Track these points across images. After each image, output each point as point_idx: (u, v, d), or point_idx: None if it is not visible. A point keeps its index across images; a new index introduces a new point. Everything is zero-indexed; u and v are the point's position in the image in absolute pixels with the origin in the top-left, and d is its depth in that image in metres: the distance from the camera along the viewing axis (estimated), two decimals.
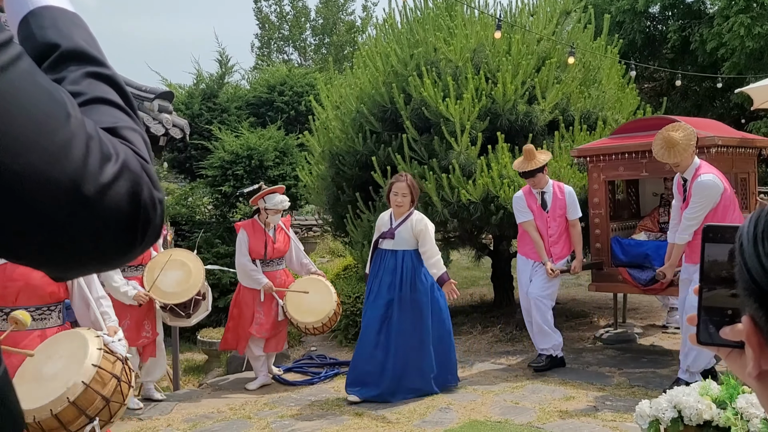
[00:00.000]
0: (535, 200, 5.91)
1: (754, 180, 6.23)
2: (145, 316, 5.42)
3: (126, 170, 0.74)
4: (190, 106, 13.12)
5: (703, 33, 13.43)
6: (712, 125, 6.35)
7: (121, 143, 0.76)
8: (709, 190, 4.83)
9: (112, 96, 0.82)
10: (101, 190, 0.71)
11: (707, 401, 3.60)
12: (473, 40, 7.38)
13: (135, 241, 0.76)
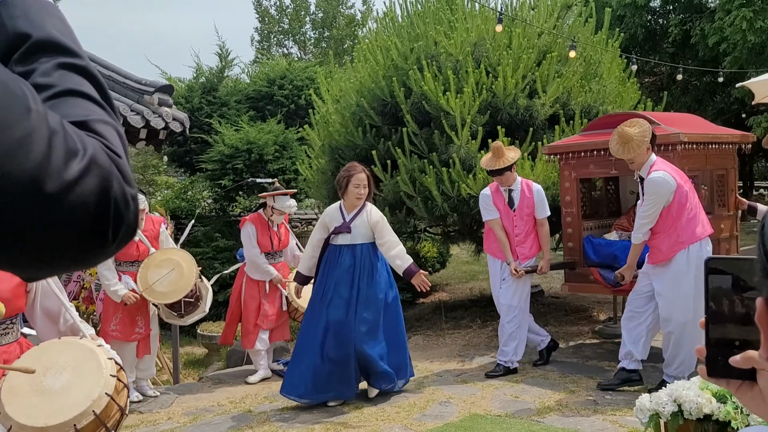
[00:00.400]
0: (502, 198, 5.72)
1: (733, 177, 6.04)
2: (137, 311, 5.44)
3: (94, 166, 0.71)
4: (190, 99, 13.10)
5: (704, 27, 13.40)
6: (689, 121, 6.18)
7: (91, 137, 0.73)
8: (659, 187, 4.71)
9: (85, 88, 0.79)
10: (65, 188, 0.68)
11: (707, 395, 3.60)
12: (474, 33, 7.37)
13: (106, 240, 0.73)
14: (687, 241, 4.74)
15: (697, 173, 5.59)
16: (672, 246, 4.76)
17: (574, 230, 6.01)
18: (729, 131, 6.19)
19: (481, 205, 5.79)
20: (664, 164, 4.83)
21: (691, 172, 5.41)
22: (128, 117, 7.75)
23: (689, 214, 4.75)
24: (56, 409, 2.63)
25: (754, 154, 21.92)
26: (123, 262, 5.47)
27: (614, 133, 4.88)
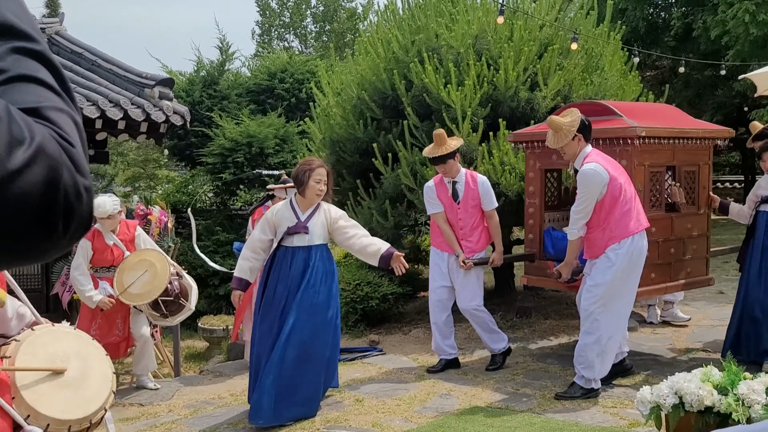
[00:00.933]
0: (446, 191, 5.53)
1: (707, 173, 5.76)
2: (117, 315, 5.48)
3: (42, 155, 0.68)
4: (191, 93, 13.08)
5: (706, 20, 13.35)
6: (660, 114, 5.87)
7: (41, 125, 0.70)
8: (590, 179, 4.56)
9: (40, 74, 0.76)
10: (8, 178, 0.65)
11: (708, 387, 3.60)
12: (475, 26, 7.34)
13: (54, 233, 0.70)
14: (619, 236, 4.60)
15: (660, 169, 5.39)
16: (606, 241, 4.63)
17: (536, 222, 5.81)
18: (704, 125, 5.96)
19: (425, 198, 5.63)
20: (597, 156, 4.69)
21: (653, 167, 5.29)
22: (129, 110, 7.74)
23: (623, 207, 4.61)
24: (87, 397, 2.62)
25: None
26: (99, 268, 5.51)
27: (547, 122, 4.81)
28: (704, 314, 7.52)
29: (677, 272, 5.56)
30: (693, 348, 6.10)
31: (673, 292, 6.36)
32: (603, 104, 5.49)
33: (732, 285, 9.30)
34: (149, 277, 5.32)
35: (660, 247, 5.36)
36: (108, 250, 5.48)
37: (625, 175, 4.75)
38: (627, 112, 5.32)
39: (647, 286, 5.27)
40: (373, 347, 6.65)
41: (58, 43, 9.06)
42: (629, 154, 5.09)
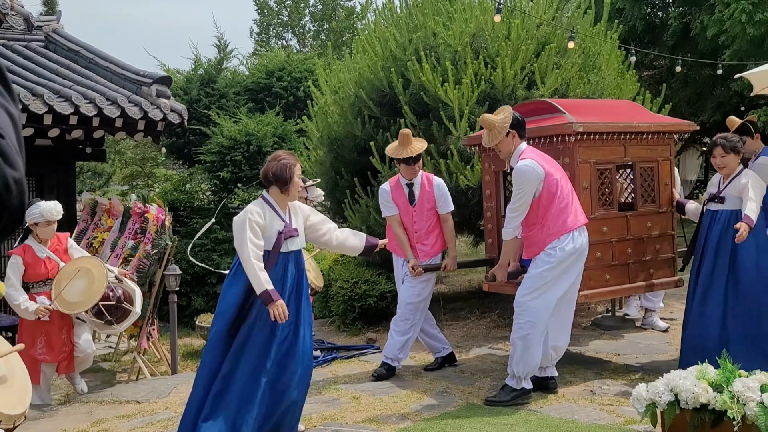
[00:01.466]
0: (403, 193, 5.41)
1: (667, 170, 5.48)
2: (60, 330, 5.39)
3: None
4: (189, 91, 13.07)
5: (703, 19, 13.36)
6: (610, 109, 5.62)
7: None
8: (525, 176, 4.46)
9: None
10: None
11: (704, 385, 3.61)
12: (472, 24, 7.35)
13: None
14: (558, 233, 4.51)
15: (609, 166, 5.18)
16: (545, 238, 4.54)
17: (494, 226, 5.57)
18: (661, 120, 5.65)
19: (380, 201, 5.52)
20: (532, 152, 4.60)
21: (601, 164, 5.10)
22: (126, 108, 7.74)
23: (560, 203, 4.50)
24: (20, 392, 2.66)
25: None
26: (35, 284, 5.39)
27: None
28: None
29: (636, 274, 5.33)
30: None
31: (632, 294, 6.14)
32: (548, 102, 5.35)
33: None
34: (86, 284, 5.24)
35: (615, 247, 5.18)
36: (41, 263, 5.37)
37: (561, 171, 4.65)
38: (572, 109, 5.14)
39: (601, 288, 5.11)
40: (371, 345, 6.66)
41: (55, 41, 9.05)
42: (571, 151, 4.94)
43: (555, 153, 4.94)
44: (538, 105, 5.38)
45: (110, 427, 4.53)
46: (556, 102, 5.30)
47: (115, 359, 7.77)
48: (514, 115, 4.61)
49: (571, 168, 4.91)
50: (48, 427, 4.65)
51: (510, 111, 4.63)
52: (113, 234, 7.66)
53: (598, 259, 5.03)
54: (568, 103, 5.50)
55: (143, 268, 7.00)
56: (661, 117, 5.93)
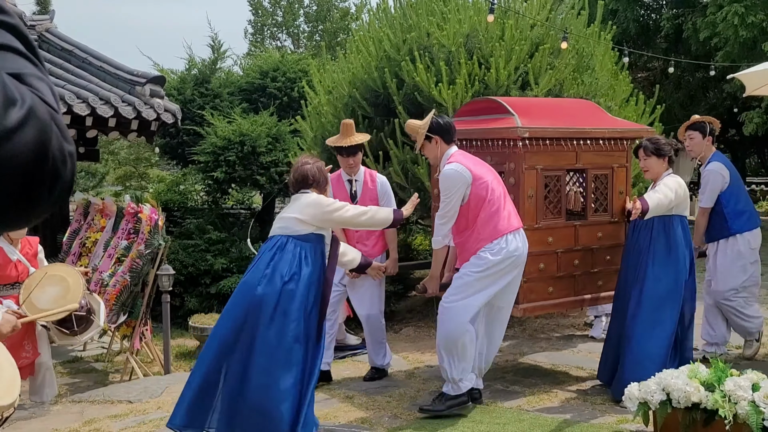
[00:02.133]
0: (344, 189, 5.10)
1: (623, 177, 5.11)
2: (24, 336, 5.24)
3: (33, 117, 0.68)
4: (182, 91, 13.03)
5: (696, 22, 13.42)
6: (575, 112, 5.30)
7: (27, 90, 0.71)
8: (450, 181, 4.26)
9: (16, 44, 0.76)
10: (4, 136, 0.66)
11: (695, 384, 3.62)
12: (466, 25, 7.36)
13: (41, 196, 0.70)
14: (489, 237, 4.25)
15: (559, 173, 4.84)
16: (476, 244, 4.30)
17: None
18: (619, 125, 5.27)
19: None
20: (460, 156, 4.38)
21: (549, 171, 4.77)
22: (120, 108, 7.72)
23: (491, 208, 4.26)
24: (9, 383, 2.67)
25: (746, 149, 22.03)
26: (2, 286, 5.25)
27: None
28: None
29: (583, 286, 4.97)
30: None
31: (577, 307, 5.82)
32: (498, 101, 5.00)
33: None
34: (60, 292, 5.14)
35: (560, 258, 4.84)
36: (11, 265, 5.24)
37: (492, 173, 4.39)
38: (523, 110, 4.80)
39: (543, 300, 4.81)
40: (364, 345, 6.65)
41: (49, 40, 9.02)
42: (517, 156, 4.62)
43: (501, 157, 4.72)
44: (489, 104, 5.05)
45: (102, 427, 4.51)
46: (506, 102, 4.98)
47: (107, 360, 7.74)
48: (435, 120, 4.41)
49: (516, 174, 4.64)
50: (39, 426, 4.63)
51: (431, 116, 4.44)
52: (106, 234, 7.64)
53: (542, 270, 4.72)
54: (520, 103, 5.20)
55: (136, 268, 6.98)
56: (621, 121, 5.59)
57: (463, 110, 5.42)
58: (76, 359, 7.77)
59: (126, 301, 6.88)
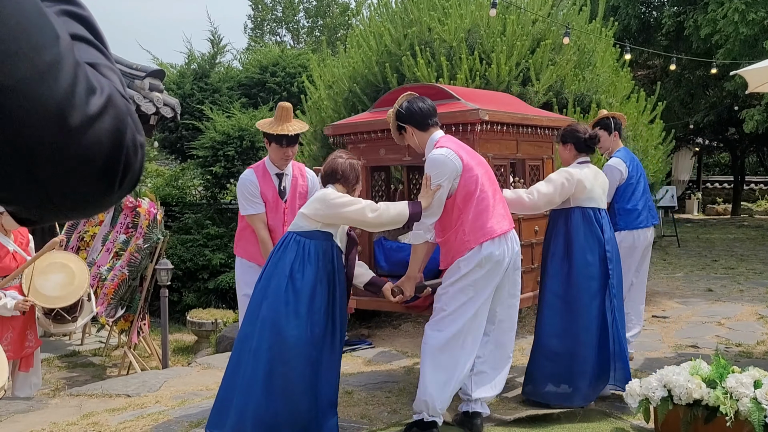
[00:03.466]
0: (272, 186, 4.43)
1: (550, 168, 4.91)
2: (27, 326, 5.30)
3: (111, 106, 0.69)
4: (182, 85, 13.01)
5: (697, 19, 13.40)
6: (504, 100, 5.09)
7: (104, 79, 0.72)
8: (437, 166, 3.73)
9: (88, 35, 0.77)
10: (86, 122, 0.66)
11: (697, 380, 3.61)
12: (468, 20, 7.33)
13: (113, 185, 0.71)
14: (475, 240, 3.76)
15: (504, 162, 4.57)
16: (461, 245, 3.80)
17: (363, 231, 4.43)
18: (546, 113, 5.06)
19: (243, 193, 4.40)
20: (450, 141, 3.88)
21: (497, 159, 4.49)
22: None
23: (479, 205, 3.78)
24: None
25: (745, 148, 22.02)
26: (2, 278, 5.23)
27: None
28: (693, 311, 7.55)
29: (525, 283, 4.57)
30: (682, 344, 6.11)
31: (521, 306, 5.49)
32: (439, 87, 4.70)
33: (721, 283, 9.36)
34: (65, 279, 5.14)
35: None
36: (9, 256, 5.24)
37: (483, 167, 3.90)
38: (465, 96, 4.55)
39: None
40: (363, 340, 6.64)
41: None
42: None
43: None
44: (428, 90, 4.56)
45: (100, 420, 4.49)
46: (448, 88, 4.66)
47: (105, 354, 7.72)
48: (401, 108, 3.91)
49: None
50: (37, 419, 4.61)
51: (397, 102, 3.94)
52: (104, 228, 7.62)
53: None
54: (460, 90, 4.89)
55: (134, 263, 6.96)
56: (543, 111, 5.32)
57: (389, 98, 4.72)
58: (74, 353, 7.75)
59: (124, 295, 6.86)
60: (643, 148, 7.68)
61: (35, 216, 0.74)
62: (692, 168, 23.28)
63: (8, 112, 0.62)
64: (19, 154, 0.64)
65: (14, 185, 0.67)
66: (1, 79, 0.62)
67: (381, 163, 4.81)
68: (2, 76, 0.62)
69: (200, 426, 4.25)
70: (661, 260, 11.83)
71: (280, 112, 4.37)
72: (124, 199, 7.64)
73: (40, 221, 0.77)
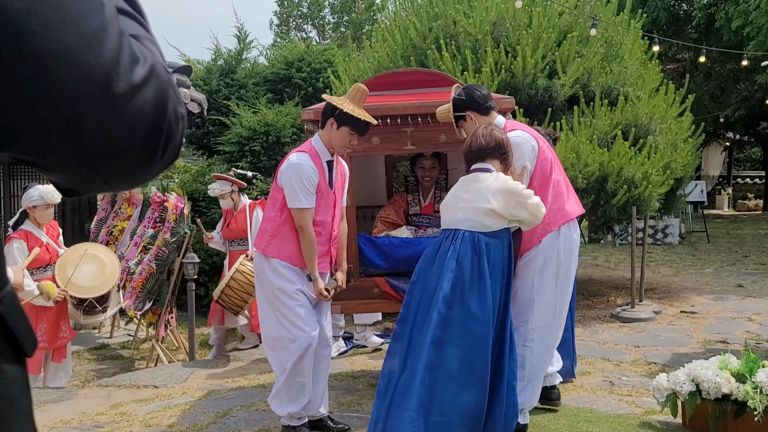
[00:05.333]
0: (324, 174, 3.77)
1: None
2: (61, 317, 5.38)
3: (154, 76, 0.69)
4: (208, 81, 13.10)
5: (728, 11, 13.17)
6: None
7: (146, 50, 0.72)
8: (519, 149, 3.53)
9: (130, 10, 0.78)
10: (131, 91, 0.66)
11: (726, 375, 3.55)
12: (493, 12, 7.28)
13: (155, 155, 0.71)
14: (555, 222, 3.61)
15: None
16: (542, 229, 3.58)
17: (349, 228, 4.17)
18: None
19: (302, 182, 3.65)
20: (519, 125, 3.81)
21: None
22: None
23: (556, 187, 3.65)
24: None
25: None
26: (36, 269, 5.28)
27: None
28: (722, 306, 7.44)
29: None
30: (711, 339, 6.03)
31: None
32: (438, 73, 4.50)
33: (752, 278, 9.21)
34: (97, 269, 5.22)
35: None
36: (43, 248, 5.30)
37: (552, 151, 3.80)
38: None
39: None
40: (388, 334, 6.63)
41: None
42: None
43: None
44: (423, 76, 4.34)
45: (128, 410, 4.55)
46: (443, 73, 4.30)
47: (133, 347, 7.82)
48: (458, 96, 3.68)
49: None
50: (67, 409, 4.68)
51: (452, 93, 3.71)
52: (133, 222, 7.71)
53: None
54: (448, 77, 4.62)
55: (162, 256, 7.03)
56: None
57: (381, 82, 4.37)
58: (103, 346, 7.85)
59: (152, 288, 6.93)
60: (671, 141, 7.57)
61: (79, 185, 0.75)
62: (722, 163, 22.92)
63: (56, 77, 0.63)
64: (65, 121, 0.65)
65: (60, 152, 0.67)
66: (50, 45, 0.62)
67: (374, 152, 4.38)
68: (50, 41, 0.62)
69: (226, 416, 4.30)
70: (691, 256, 11.67)
71: (361, 96, 3.68)
72: (152, 194, 7.74)
73: (83, 191, 0.77)
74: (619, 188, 6.68)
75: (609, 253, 11.81)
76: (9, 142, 0.67)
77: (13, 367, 0.72)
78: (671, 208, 8.82)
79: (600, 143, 6.77)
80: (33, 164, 0.71)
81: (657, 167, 7.07)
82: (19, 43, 0.61)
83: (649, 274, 9.10)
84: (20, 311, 0.76)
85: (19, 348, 0.74)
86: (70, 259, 5.26)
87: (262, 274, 3.77)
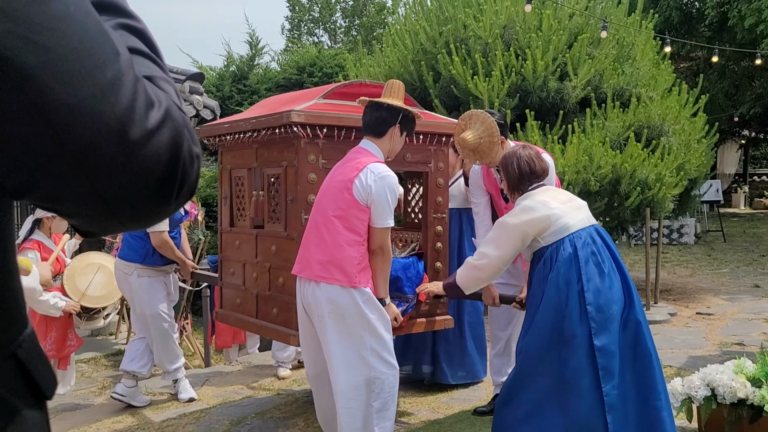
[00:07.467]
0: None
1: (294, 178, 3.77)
2: (68, 326, 5.39)
3: (169, 119, 0.70)
4: (221, 88, 13.18)
5: (741, 9, 13.07)
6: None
7: (161, 92, 0.73)
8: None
9: (145, 49, 0.79)
10: (146, 136, 0.68)
11: (742, 379, 3.53)
12: (503, 16, 7.28)
13: (171, 196, 0.72)
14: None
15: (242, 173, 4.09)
16: None
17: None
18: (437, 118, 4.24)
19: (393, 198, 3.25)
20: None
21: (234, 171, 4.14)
22: None
23: None
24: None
25: None
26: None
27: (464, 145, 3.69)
28: (739, 308, 7.39)
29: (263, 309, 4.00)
30: (727, 341, 5.98)
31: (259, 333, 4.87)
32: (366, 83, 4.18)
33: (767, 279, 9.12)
34: (105, 278, 5.25)
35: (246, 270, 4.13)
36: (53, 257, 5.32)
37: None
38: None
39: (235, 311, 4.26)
40: None
41: None
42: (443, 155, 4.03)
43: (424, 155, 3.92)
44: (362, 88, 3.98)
45: (144, 419, 4.58)
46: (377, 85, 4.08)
47: None
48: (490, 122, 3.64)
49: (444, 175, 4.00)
50: (83, 418, 4.72)
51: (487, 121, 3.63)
52: None
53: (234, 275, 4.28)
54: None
55: None
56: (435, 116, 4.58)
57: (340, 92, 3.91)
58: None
59: None
60: (685, 142, 7.53)
61: (97, 228, 0.77)
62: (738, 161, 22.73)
63: (72, 129, 0.64)
64: (81, 169, 0.66)
65: (76, 199, 0.69)
66: (66, 98, 0.63)
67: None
68: (66, 95, 0.63)
69: (241, 424, 4.32)
70: (706, 256, 11.58)
71: (403, 92, 3.42)
72: None
73: (101, 233, 0.79)
74: (633, 190, 6.65)
75: (624, 254, 11.73)
76: (27, 191, 0.69)
77: (33, 411, 0.73)
78: (686, 208, 8.77)
79: (613, 145, 6.75)
80: (52, 210, 0.72)
81: (670, 168, 7.04)
82: (36, 99, 0.62)
83: (665, 275, 9.05)
84: (40, 354, 0.77)
85: (39, 391, 0.75)
86: (78, 269, 5.30)
87: (352, 309, 3.20)
